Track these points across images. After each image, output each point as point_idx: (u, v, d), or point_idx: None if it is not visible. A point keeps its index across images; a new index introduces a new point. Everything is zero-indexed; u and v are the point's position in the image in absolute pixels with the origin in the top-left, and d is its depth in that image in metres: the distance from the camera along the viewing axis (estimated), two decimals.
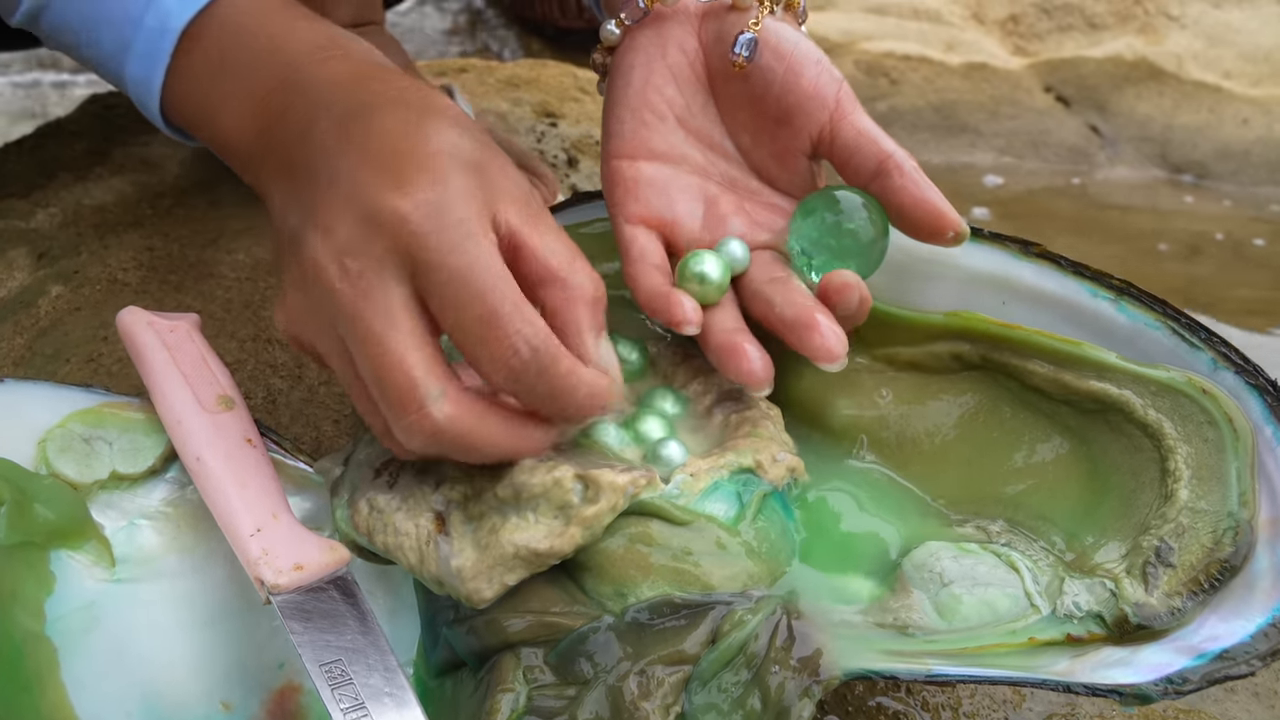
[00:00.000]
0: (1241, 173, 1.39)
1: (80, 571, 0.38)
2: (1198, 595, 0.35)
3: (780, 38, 0.44)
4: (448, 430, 0.34)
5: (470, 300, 0.33)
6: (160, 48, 0.41)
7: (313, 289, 0.34)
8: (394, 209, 0.33)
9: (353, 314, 0.33)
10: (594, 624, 0.36)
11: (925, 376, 0.45)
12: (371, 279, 0.33)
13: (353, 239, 0.34)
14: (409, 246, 0.33)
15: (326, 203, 0.35)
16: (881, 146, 0.42)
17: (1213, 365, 0.39)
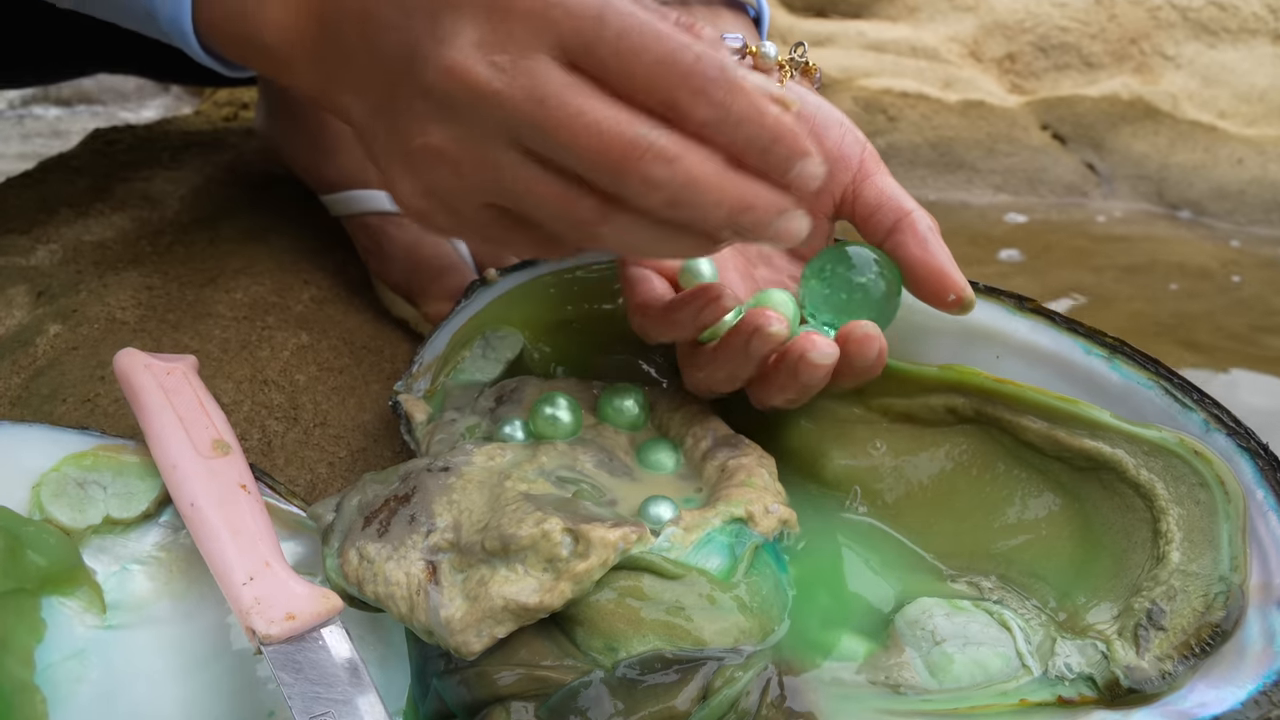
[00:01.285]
0: (1237, 212, 1.40)
1: (71, 618, 0.38)
2: (1189, 659, 0.35)
3: (803, 101, 0.45)
4: (681, 160, 0.31)
5: (642, 48, 0.31)
6: None
7: (464, 109, 0.32)
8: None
9: (526, 100, 0.31)
10: (584, 679, 0.36)
11: (919, 429, 0.46)
12: (529, 64, 0.31)
13: (489, 38, 0.31)
14: (553, 19, 0.31)
15: (443, 27, 0.32)
16: (902, 205, 0.43)
17: (1205, 427, 0.39)
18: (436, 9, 0.32)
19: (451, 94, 0.32)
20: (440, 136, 0.33)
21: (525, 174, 0.32)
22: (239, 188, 0.77)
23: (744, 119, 0.31)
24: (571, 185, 0.32)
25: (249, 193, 0.76)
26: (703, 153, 0.31)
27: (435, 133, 0.33)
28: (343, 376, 0.57)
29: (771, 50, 0.46)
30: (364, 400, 0.56)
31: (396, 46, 0.33)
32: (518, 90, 0.31)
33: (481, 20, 0.31)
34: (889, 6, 1.74)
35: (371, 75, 0.35)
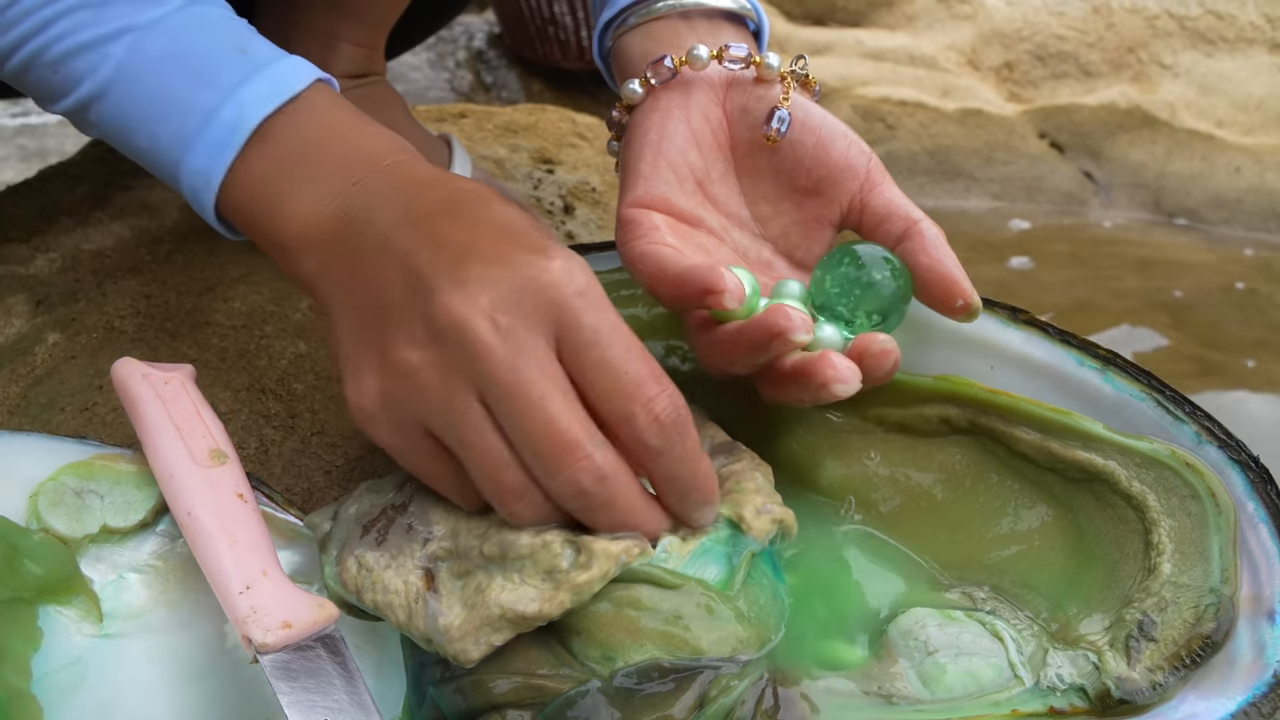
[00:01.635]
0: (1234, 220, 1.41)
1: (68, 627, 0.38)
2: (1179, 670, 0.35)
3: (808, 113, 0.46)
4: (608, 480, 0.34)
5: (624, 366, 0.35)
6: (233, 140, 0.40)
7: (447, 345, 0.34)
8: (544, 276, 0.34)
9: (507, 365, 0.34)
10: (581, 688, 0.36)
11: (914, 439, 0.46)
12: (524, 335, 0.34)
13: (502, 298, 0.34)
14: (561, 312, 0.34)
15: (460, 266, 0.35)
16: (910, 214, 0.44)
17: (1197, 439, 0.40)
18: (465, 255, 0.35)
19: (447, 331, 0.34)
20: (421, 359, 0.35)
21: (477, 425, 0.35)
22: None
23: (681, 460, 0.35)
24: (508, 454, 0.35)
25: None
26: (628, 478, 0.35)
27: (418, 355, 0.35)
28: (340, 385, 0.58)
29: (775, 61, 0.46)
30: None
31: (412, 273, 0.36)
32: (503, 354, 0.34)
33: (504, 284, 0.34)
34: (887, 15, 1.75)
35: (373, 281, 0.37)
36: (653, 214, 0.45)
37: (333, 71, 0.68)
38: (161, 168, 0.43)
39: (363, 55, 0.69)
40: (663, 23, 0.49)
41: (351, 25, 0.68)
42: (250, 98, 0.40)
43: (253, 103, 0.40)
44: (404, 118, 0.73)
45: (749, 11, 0.50)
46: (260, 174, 0.41)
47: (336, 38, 0.67)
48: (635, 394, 0.34)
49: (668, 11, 0.48)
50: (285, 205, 0.40)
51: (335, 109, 0.42)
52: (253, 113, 0.40)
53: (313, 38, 0.67)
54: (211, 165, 0.41)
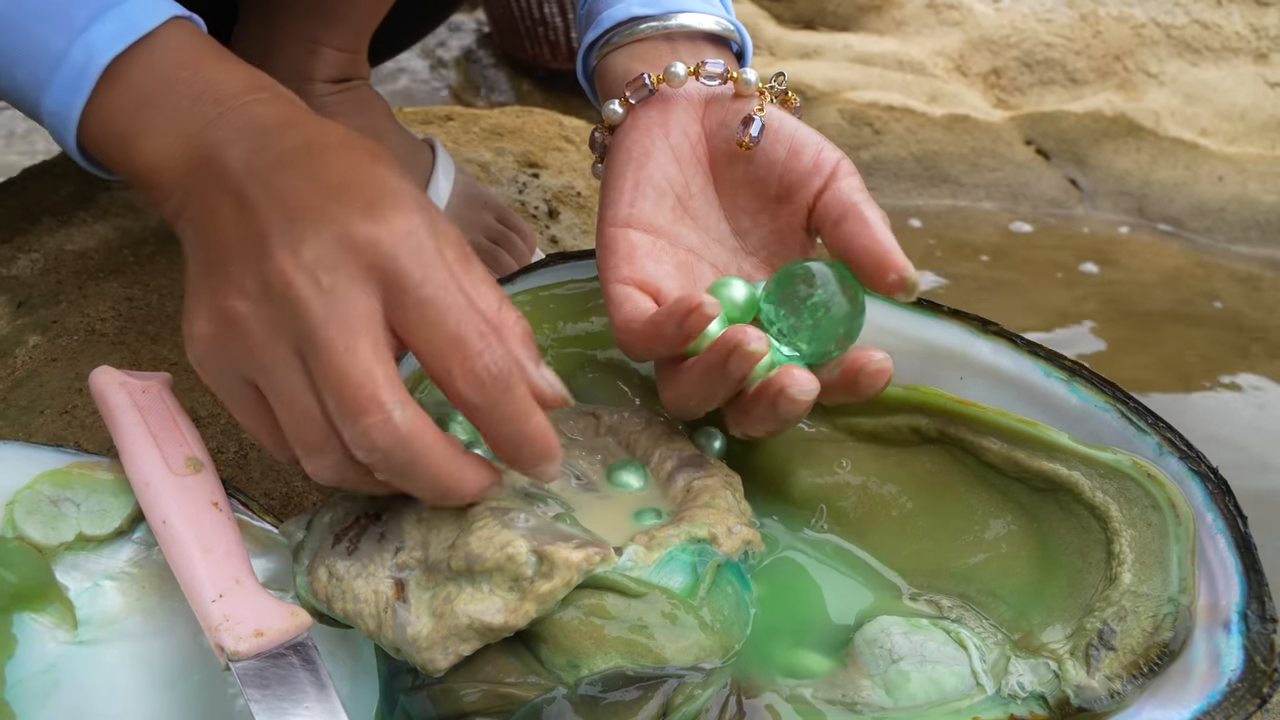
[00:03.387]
0: (1216, 229, 1.42)
1: (42, 634, 0.38)
2: (1137, 679, 0.36)
3: (782, 122, 0.46)
4: (405, 440, 0.34)
5: (443, 321, 0.35)
6: (83, 81, 0.40)
7: (273, 302, 0.35)
8: (370, 234, 0.35)
9: (322, 320, 0.34)
10: (547, 695, 0.36)
11: (884, 448, 0.46)
12: (344, 291, 0.34)
13: (326, 256, 0.35)
14: (384, 269, 0.35)
15: (291, 226, 0.35)
16: (852, 198, 0.43)
17: (1158, 450, 0.40)
18: (296, 215, 0.36)
19: (271, 285, 0.35)
20: (247, 310, 0.35)
21: (288, 376, 0.35)
22: None
23: (506, 418, 0.35)
24: (316, 409, 0.35)
25: None
26: (434, 438, 0.35)
27: (245, 305, 0.35)
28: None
29: (752, 76, 0.47)
30: None
31: (250, 225, 0.36)
32: (319, 309, 0.34)
33: (327, 242, 0.35)
34: (876, 20, 1.76)
35: (218, 226, 0.37)
36: (631, 234, 0.45)
37: (315, 76, 0.68)
38: (25, 107, 0.43)
39: (345, 60, 0.69)
40: (646, 44, 0.49)
41: (333, 30, 0.68)
42: (99, 37, 0.40)
43: (101, 43, 0.40)
44: (387, 122, 0.73)
45: (732, 33, 0.50)
46: (113, 114, 0.41)
47: (319, 43, 0.68)
48: (452, 351, 0.35)
49: (651, 33, 0.49)
50: (140, 144, 0.40)
51: (191, 46, 0.42)
52: (101, 53, 0.40)
53: (295, 43, 0.68)
54: (66, 107, 0.41)
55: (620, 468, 0.44)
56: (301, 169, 0.37)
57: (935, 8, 1.76)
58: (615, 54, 0.50)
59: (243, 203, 0.37)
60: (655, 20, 0.49)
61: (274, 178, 0.37)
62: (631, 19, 0.49)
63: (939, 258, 1.39)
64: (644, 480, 0.44)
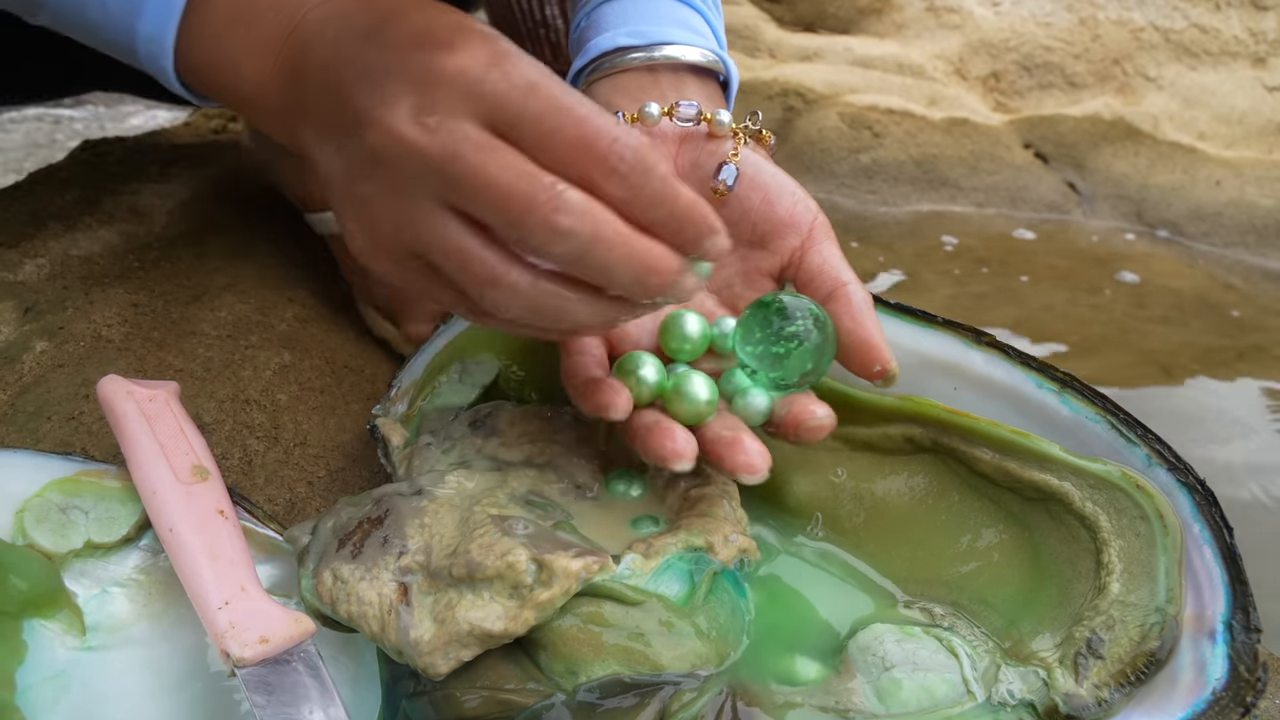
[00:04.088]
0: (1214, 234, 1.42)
1: (52, 640, 0.39)
2: (1124, 687, 0.36)
3: (758, 169, 0.47)
4: (588, 211, 0.33)
5: (564, 125, 0.33)
6: (172, 5, 0.41)
7: (393, 163, 0.34)
8: (456, 65, 0.34)
9: (448, 156, 0.33)
10: (546, 701, 0.37)
11: (879, 457, 0.47)
12: (454, 124, 0.34)
13: (422, 102, 0.34)
14: (482, 94, 0.34)
15: (384, 91, 0.35)
16: (839, 275, 0.44)
17: (1147, 461, 0.41)
18: (379, 76, 0.35)
19: (383, 149, 0.34)
20: (373, 187, 0.35)
21: (437, 226, 0.34)
22: (226, 202, 0.79)
23: (656, 200, 0.34)
24: (476, 238, 0.34)
25: (236, 207, 0.78)
26: (610, 213, 0.33)
27: (369, 183, 0.35)
28: (323, 396, 0.59)
29: (725, 118, 0.47)
30: (344, 420, 0.58)
31: (348, 105, 0.36)
32: (437, 147, 0.33)
33: (417, 87, 0.34)
34: (876, 23, 1.76)
35: (328, 127, 0.38)
36: None
37: None
38: (119, 42, 0.43)
39: None
40: (629, 75, 0.50)
41: None
42: None
43: None
44: None
45: (717, 65, 0.51)
46: (206, 38, 0.41)
47: None
48: (582, 151, 0.33)
49: (635, 64, 0.49)
50: (239, 68, 0.41)
51: None
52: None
53: None
54: (162, 30, 0.42)
55: (619, 476, 0.45)
56: (378, 37, 0.37)
57: (935, 11, 1.77)
58: (599, 84, 0.50)
59: (337, 89, 0.37)
60: (640, 51, 0.49)
61: (357, 55, 0.37)
62: (617, 49, 0.50)
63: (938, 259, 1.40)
64: (642, 488, 0.45)
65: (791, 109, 1.57)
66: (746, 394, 0.43)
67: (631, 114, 0.47)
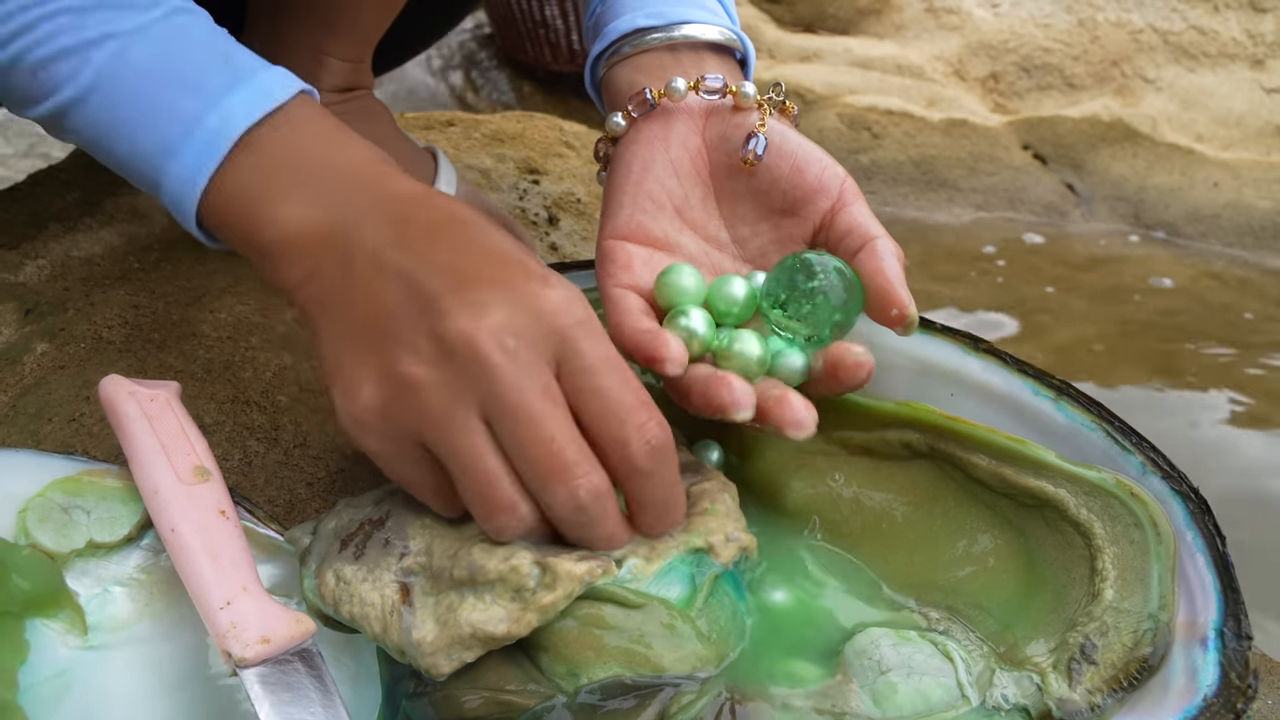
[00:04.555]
0: (1211, 235, 1.43)
1: (54, 639, 0.39)
2: (1117, 693, 0.37)
3: (784, 138, 0.48)
4: (603, 497, 0.36)
5: (617, 391, 0.37)
6: (217, 146, 0.41)
7: (456, 365, 0.35)
8: (552, 300, 0.36)
9: (512, 385, 0.35)
10: (547, 703, 0.37)
11: (876, 461, 0.47)
12: (529, 356, 0.36)
13: (510, 321, 0.36)
14: (562, 335, 0.36)
15: (464, 289, 0.36)
16: (869, 231, 0.45)
17: (1141, 469, 0.41)
18: (471, 278, 0.37)
19: (457, 350, 0.35)
20: (427, 375, 0.36)
21: (474, 439, 0.36)
22: None
23: (665, 483, 0.38)
24: (504, 470, 0.36)
25: None
26: (614, 497, 0.37)
27: (424, 370, 0.36)
28: (323, 398, 0.59)
29: (750, 90, 0.48)
30: None
31: (414, 290, 0.37)
32: (510, 374, 0.35)
33: (511, 308, 0.36)
34: (876, 24, 1.77)
35: (368, 294, 0.38)
36: (629, 246, 0.46)
37: (320, 85, 0.69)
38: (143, 175, 0.43)
39: (350, 69, 0.70)
40: (649, 55, 0.50)
41: (339, 40, 0.69)
42: (236, 106, 0.41)
43: (238, 111, 0.41)
44: (391, 130, 0.74)
45: (734, 42, 0.51)
46: (244, 181, 0.41)
47: (324, 52, 0.69)
48: (629, 419, 0.36)
49: (655, 45, 0.50)
50: (269, 212, 0.40)
51: (318, 120, 0.43)
52: (238, 120, 0.41)
53: (301, 52, 0.68)
54: (195, 172, 0.41)
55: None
56: (449, 239, 0.38)
57: (934, 12, 1.77)
58: (620, 65, 0.51)
59: (400, 270, 0.37)
60: (659, 32, 0.50)
61: (430, 247, 0.38)
62: (636, 30, 0.50)
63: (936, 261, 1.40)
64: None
65: None
66: (783, 354, 0.44)
67: (658, 90, 0.48)
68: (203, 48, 0.43)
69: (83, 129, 0.43)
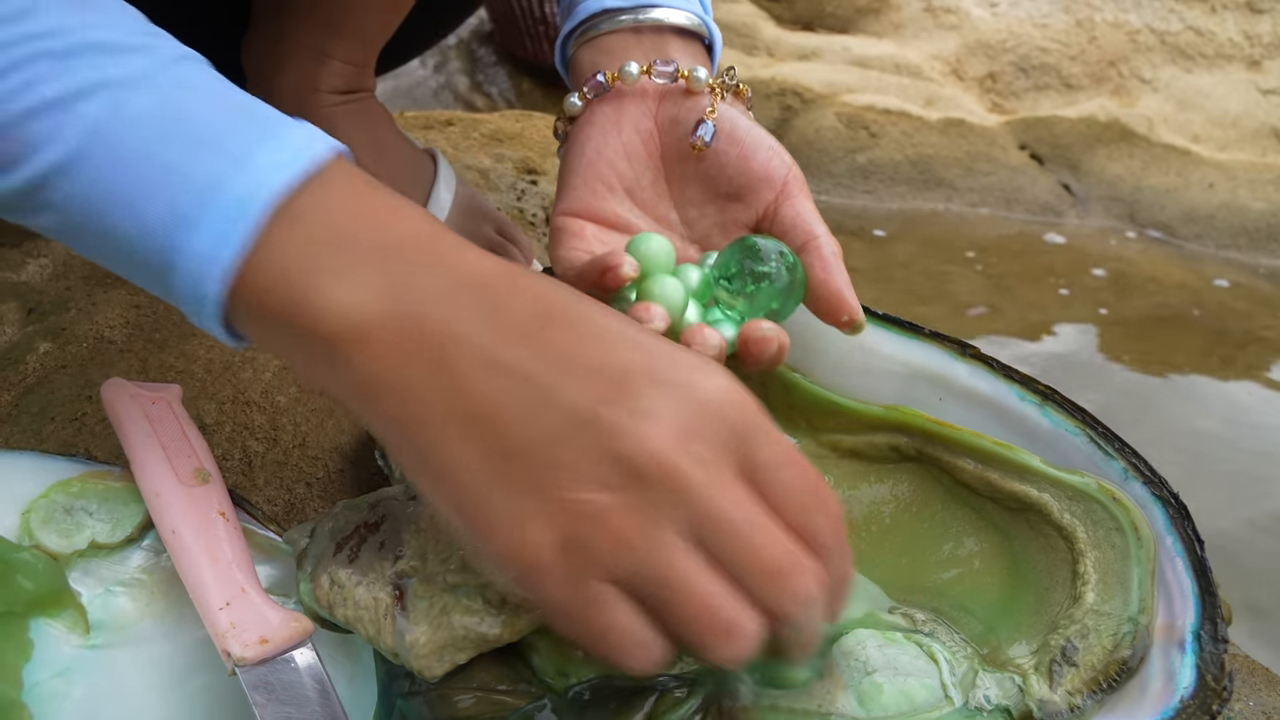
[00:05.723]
0: (1206, 235, 1.43)
1: (57, 638, 0.40)
2: (1096, 694, 0.38)
3: (735, 124, 0.49)
4: (820, 583, 0.33)
5: (801, 477, 0.33)
6: (248, 211, 0.32)
7: (647, 485, 0.31)
8: (719, 393, 0.33)
9: (710, 494, 0.31)
10: (538, 702, 0.38)
11: (865, 465, 0.48)
12: (719, 463, 0.32)
13: (690, 426, 0.32)
14: (739, 429, 0.32)
15: (628, 395, 0.32)
16: (812, 228, 0.46)
17: (1124, 474, 0.42)
18: (635, 382, 0.32)
19: (646, 471, 0.31)
20: (614, 501, 0.31)
21: (687, 564, 0.32)
22: None
23: (844, 559, 0.34)
24: (725, 589, 0.32)
25: None
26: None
27: (609, 497, 0.31)
28: (322, 399, 0.60)
29: (702, 75, 0.49)
30: (342, 422, 0.59)
31: (558, 398, 0.32)
32: (710, 487, 0.31)
33: (686, 411, 0.32)
34: (875, 22, 1.77)
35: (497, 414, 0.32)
36: (581, 222, 0.48)
37: (321, 87, 0.70)
38: (147, 259, 0.34)
39: (352, 72, 0.70)
40: (615, 37, 0.51)
41: (343, 43, 0.69)
42: (268, 165, 0.33)
43: (272, 171, 0.33)
44: (391, 133, 0.75)
45: (701, 28, 0.52)
46: (287, 258, 0.33)
47: (328, 55, 0.69)
48: (819, 505, 0.33)
49: (621, 26, 0.51)
50: (321, 297, 0.32)
51: (362, 182, 0.35)
52: (273, 183, 0.33)
53: (304, 54, 0.69)
54: (220, 246, 0.32)
55: None
56: (564, 328, 0.33)
57: (932, 11, 1.77)
58: (586, 46, 0.52)
59: (526, 377, 0.32)
60: (627, 14, 0.51)
61: (544, 344, 0.32)
62: (604, 11, 0.51)
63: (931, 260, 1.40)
64: None
65: (789, 108, 1.58)
66: (718, 323, 0.45)
67: (612, 73, 0.49)
68: (217, 98, 0.35)
69: (69, 203, 0.34)
